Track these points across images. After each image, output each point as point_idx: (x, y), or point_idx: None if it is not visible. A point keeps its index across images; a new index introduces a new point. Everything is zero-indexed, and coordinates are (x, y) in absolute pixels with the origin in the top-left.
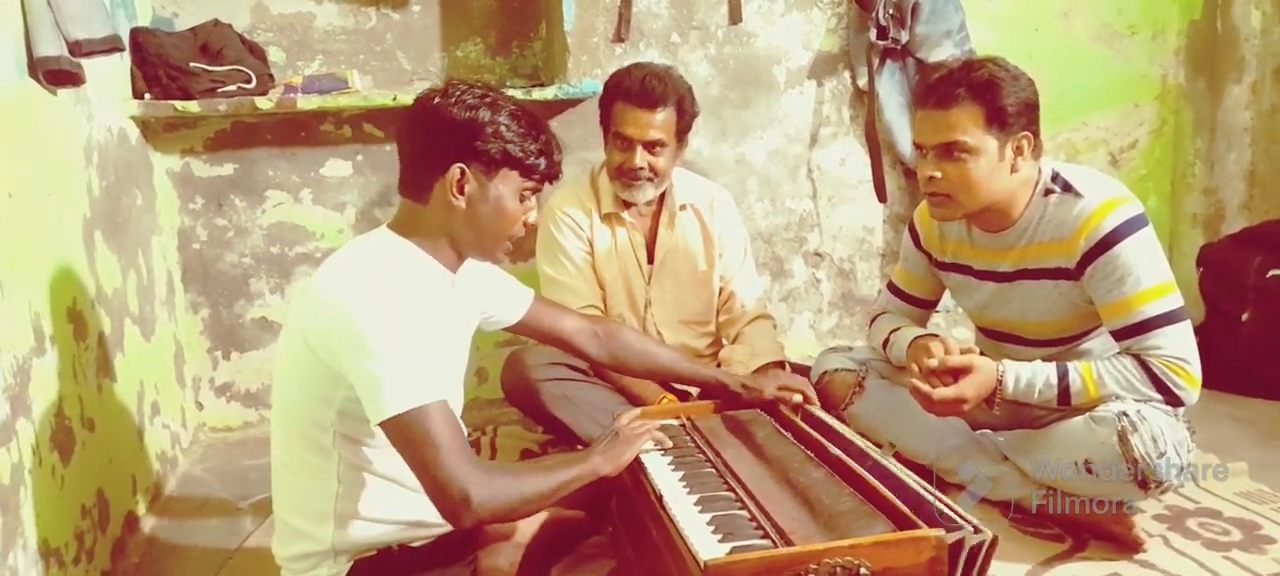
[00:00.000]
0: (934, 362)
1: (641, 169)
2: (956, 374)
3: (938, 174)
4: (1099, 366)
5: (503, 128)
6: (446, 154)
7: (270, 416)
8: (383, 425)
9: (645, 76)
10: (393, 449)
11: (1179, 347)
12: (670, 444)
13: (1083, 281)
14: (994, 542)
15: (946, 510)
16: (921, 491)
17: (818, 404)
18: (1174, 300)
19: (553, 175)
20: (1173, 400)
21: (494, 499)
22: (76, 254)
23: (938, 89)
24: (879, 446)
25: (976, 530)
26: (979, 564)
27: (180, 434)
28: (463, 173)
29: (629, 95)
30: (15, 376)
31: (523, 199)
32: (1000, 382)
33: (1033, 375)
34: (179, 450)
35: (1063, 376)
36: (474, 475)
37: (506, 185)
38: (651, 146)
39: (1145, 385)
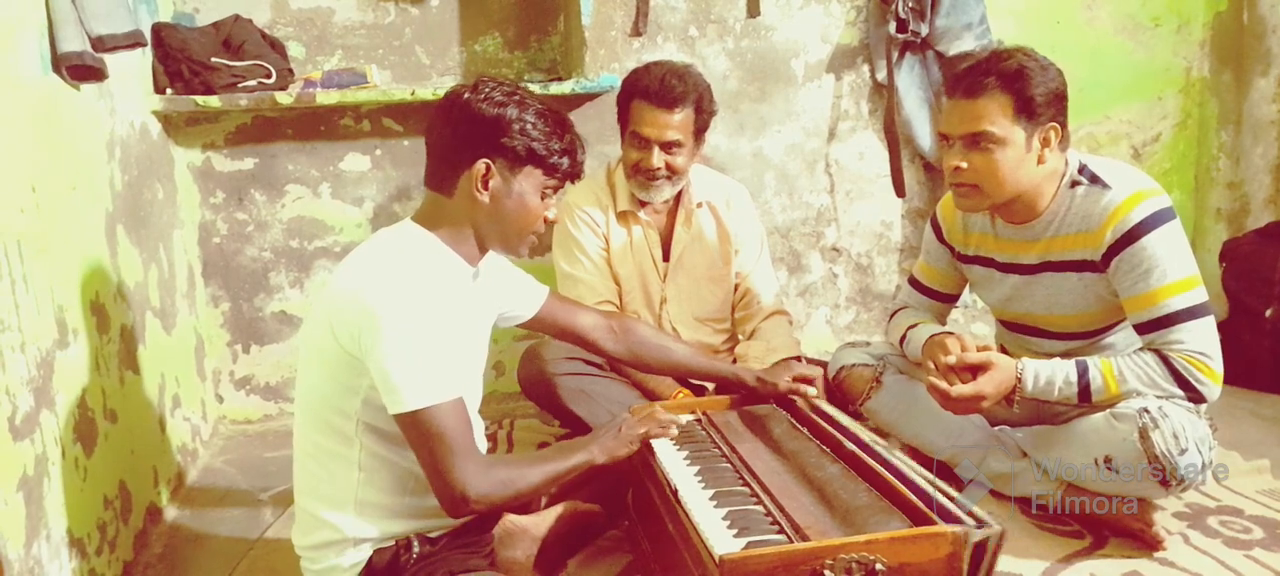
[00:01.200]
0: (951, 359)
1: (659, 169)
2: (975, 371)
3: (964, 164)
4: (1120, 363)
5: (529, 125)
6: (473, 148)
7: (293, 407)
8: (397, 418)
9: (664, 75)
10: None
11: (1202, 343)
12: (678, 434)
13: (1108, 273)
14: (1002, 537)
15: (951, 505)
16: (927, 486)
17: (824, 397)
18: (1198, 295)
19: (575, 174)
20: (1195, 396)
21: (490, 493)
22: (99, 247)
23: (966, 78)
24: (886, 438)
25: (981, 524)
26: (987, 558)
27: (201, 426)
28: (488, 167)
29: (647, 94)
30: (39, 368)
31: (544, 196)
32: (1019, 380)
33: (1052, 373)
34: (199, 442)
35: (1083, 374)
36: (474, 472)
37: (530, 182)
38: (669, 146)
39: (1167, 381)
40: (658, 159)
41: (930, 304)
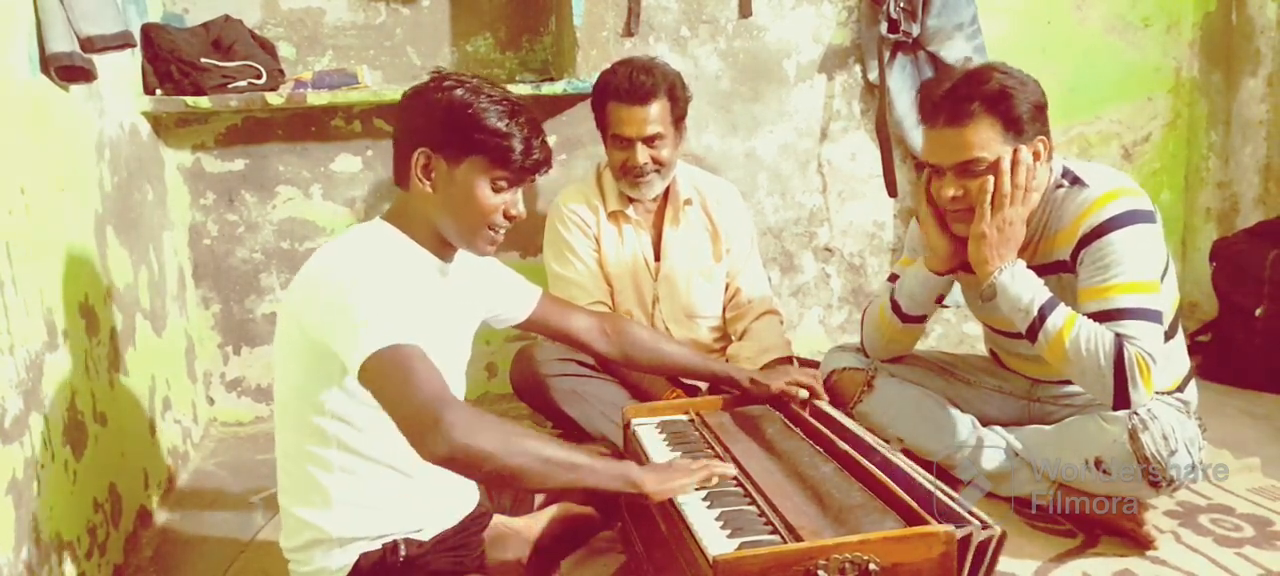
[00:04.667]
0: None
1: (645, 164)
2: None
3: (959, 193)
4: (1081, 327)
5: (475, 112)
6: (415, 138)
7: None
8: (361, 375)
9: (632, 72)
10: (388, 433)
11: (1152, 346)
12: (670, 436)
13: (1077, 270)
14: (1002, 538)
15: (954, 505)
16: (929, 486)
17: (825, 398)
18: (1150, 300)
19: (531, 167)
20: (1120, 397)
21: (469, 431)
22: (89, 249)
23: (947, 105)
24: (887, 441)
25: (985, 525)
26: (987, 560)
27: (191, 429)
28: (428, 158)
29: (620, 94)
30: (28, 371)
31: (498, 188)
32: (1004, 265)
33: (1024, 293)
34: (190, 445)
35: (1043, 316)
36: (449, 401)
37: (474, 172)
38: (651, 140)
39: (1107, 369)
40: (642, 155)
41: None
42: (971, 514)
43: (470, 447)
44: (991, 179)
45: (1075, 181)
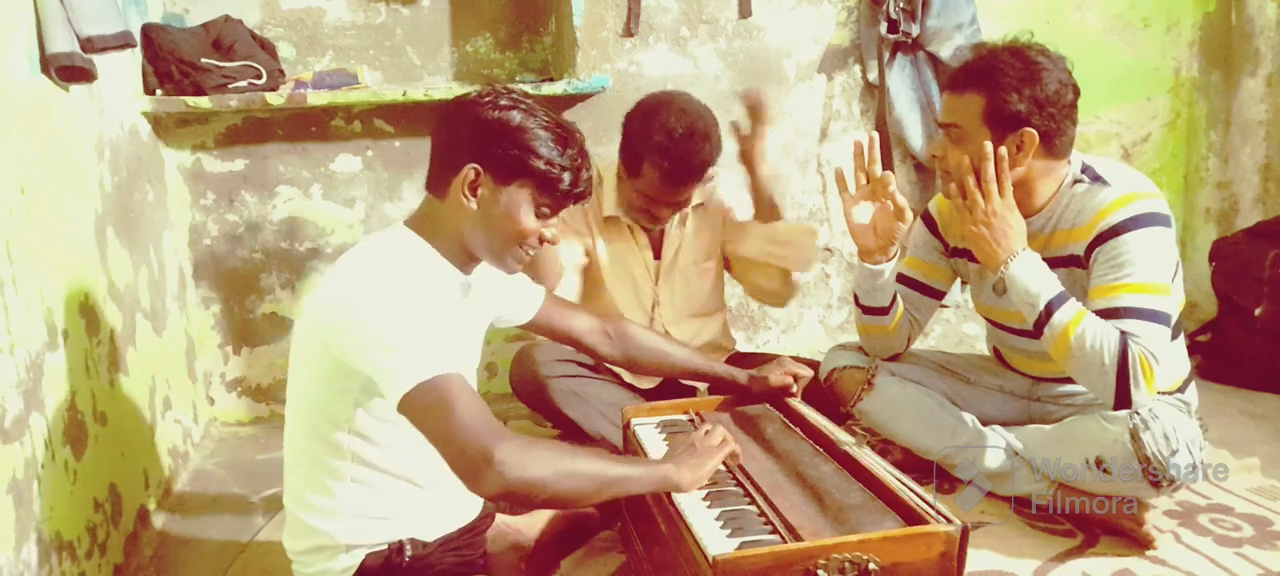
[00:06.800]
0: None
1: (663, 221)
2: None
3: (941, 153)
4: (1088, 323)
5: (527, 137)
6: (465, 153)
7: (284, 411)
8: (402, 405)
9: (692, 148)
10: (404, 447)
11: (1156, 346)
12: (669, 437)
13: (1088, 268)
14: (965, 533)
15: (915, 498)
16: (893, 480)
17: (798, 394)
18: (1159, 303)
19: (577, 195)
20: (1122, 397)
21: (521, 465)
22: (89, 249)
23: (959, 71)
24: (853, 435)
25: (949, 521)
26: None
27: (192, 428)
28: (477, 174)
29: (674, 175)
30: (28, 371)
31: (541, 214)
32: (1012, 256)
33: (1032, 284)
34: (190, 444)
35: (1050, 310)
36: (498, 434)
37: (520, 195)
38: (681, 205)
39: (1110, 367)
40: (667, 215)
41: (918, 298)
42: (934, 509)
43: (524, 480)
44: (971, 178)
45: (1096, 178)
